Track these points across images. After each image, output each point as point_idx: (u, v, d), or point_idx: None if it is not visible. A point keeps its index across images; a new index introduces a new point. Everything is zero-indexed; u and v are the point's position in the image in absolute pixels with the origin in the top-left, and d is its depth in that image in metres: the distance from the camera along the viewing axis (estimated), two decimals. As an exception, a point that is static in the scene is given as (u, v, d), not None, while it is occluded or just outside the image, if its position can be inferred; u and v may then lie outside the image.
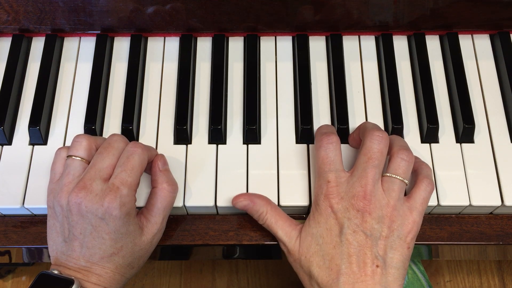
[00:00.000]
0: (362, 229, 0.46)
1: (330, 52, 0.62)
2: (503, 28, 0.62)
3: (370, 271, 0.46)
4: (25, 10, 0.59)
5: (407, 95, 0.60)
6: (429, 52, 0.62)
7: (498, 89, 0.60)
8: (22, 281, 1.20)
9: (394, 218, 0.47)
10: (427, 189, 0.50)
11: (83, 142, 0.50)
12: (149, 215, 0.50)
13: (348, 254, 0.46)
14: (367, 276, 0.45)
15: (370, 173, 0.48)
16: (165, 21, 0.60)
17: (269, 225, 0.52)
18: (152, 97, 0.60)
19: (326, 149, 0.51)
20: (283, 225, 0.51)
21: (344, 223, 0.47)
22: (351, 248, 0.46)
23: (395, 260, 0.47)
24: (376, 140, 0.49)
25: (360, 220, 0.47)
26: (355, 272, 0.46)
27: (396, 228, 0.47)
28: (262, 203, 0.52)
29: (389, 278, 0.46)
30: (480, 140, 0.57)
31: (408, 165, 0.50)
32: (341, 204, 0.48)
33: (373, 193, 0.47)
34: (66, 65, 0.62)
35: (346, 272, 0.46)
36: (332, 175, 0.49)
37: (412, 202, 0.49)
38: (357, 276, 0.46)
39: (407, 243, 0.48)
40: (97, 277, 0.47)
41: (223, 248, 0.61)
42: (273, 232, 0.52)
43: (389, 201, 0.48)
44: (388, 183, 0.48)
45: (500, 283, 1.00)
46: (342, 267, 0.46)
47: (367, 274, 0.45)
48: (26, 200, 0.54)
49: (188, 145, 0.57)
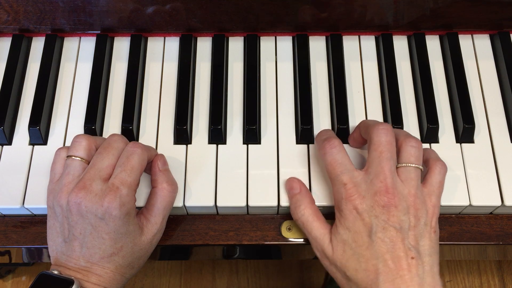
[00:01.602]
0: (391, 223, 0.46)
1: (330, 52, 0.62)
2: (503, 28, 0.62)
3: (406, 265, 0.45)
4: (25, 10, 0.59)
5: (407, 95, 0.60)
6: (429, 52, 0.62)
7: (498, 89, 0.60)
8: (22, 281, 1.20)
9: (418, 206, 0.47)
10: (442, 172, 0.50)
11: (83, 142, 0.50)
12: (149, 215, 0.50)
13: (382, 252, 0.46)
14: (404, 270, 0.45)
15: (386, 166, 0.48)
16: (165, 21, 0.60)
17: (303, 222, 0.51)
18: (152, 97, 0.60)
19: (331, 154, 0.50)
20: (319, 226, 0.50)
21: (372, 222, 0.47)
22: (384, 246, 0.46)
23: (426, 247, 0.47)
24: (383, 133, 0.49)
25: (387, 215, 0.46)
26: (392, 269, 0.45)
27: (421, 215, 0.47)
28: (306, 196, 0.52)
29: (426, 267, 0.46)
30: (480, 140, 0.57)
31: (419, 151, 0.50)
32: (364, 203, 0.47)
33: (394, 185, 0.47)
34: (66, 65, 0.62)
35: (384, 270, 0.45)
36: (346, 176, 0.49)
37: (429, 187, 0.49)
38: (394, 272, 0.45)
39: (433, 228, 0.48)
40: (97, 277, 0.47)
41: (223, 248, 0.61)
42: (307, 230, 0.51)
43: (410, 190, 0.48)
44: (405, 173, 0.48)
45: (500, 283, 1.00)
46: (379, 266, 0.46)
47: (403, 268, 0.45)
48: (26, 200, 0.54)
49: (188, 145, 0.57)
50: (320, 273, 1.21)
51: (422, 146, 0.50)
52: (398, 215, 0.46)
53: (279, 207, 0.55)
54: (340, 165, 0.50)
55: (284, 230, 0.56)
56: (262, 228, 0.55)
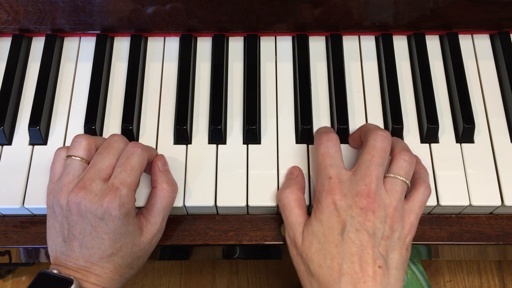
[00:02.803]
0: (365, 227, 0.46)
1: (330, 52, 0.62)
2: (503, 28, 0.62)
3: (372, 272, 0.45)
4: (25, 10, 0.59)
5: (407, 95, 0.60)
6: (429, 52, 0.62)
7: (498, 89, 0.60)
8: (22, 281, 1.20)
9: (395, 218, 0.47)
10: (425, 193, 0.50)
11: (83, 142, 0.50)
12: (149, 215, 0.50)
13: (350, 253, 0.46)
14: (369, 277, 0.45)
15: (374, 171, 0.48)
16: (165, 21, 0.60)
17: (284, 205, 0.51)
18: (152, 97, 0.60)
19: (326, 146, 0.50)
20: (297, 214, 0.50)
21: (347, 221, 0.47)
22: (354, 247, 0.46)
23: (395, 261, 0.47)
24: (380, 139, 0.49)
25: (363, 219, 0.46)
26: (357, 272, 0.45)
27: (396, 229, 0.47)
28: (298, 183, 0.53)
29: (391, 280, 0.46)
30: (480, 140, 0.57)
31: (410, 167, 0.50)
32: (344, 201, 0.47)
33: (377, 191, 0.47)
34: (66, 65, 0.62)
35: (348, 272, 0.45)
36: (333, 170, 0.49)
37: (411, 204, 0.49)
38: (359, 276, 0.45)
39: (406, 245, 0.48)
40: (96, 277, 0.47)
41: (223, 248, 0.61)
42: (285, 214, 0.51)
43: (392, 201, 0.48)
44: (391, 183, 0.48)
45: (500, 283, 1.00)
46: (344, 266, 0.46)
47: (369, 274, 0.45)
48: (26, 200, 0.54)
49: (188, 145, 0.57)
50: (320, 273, 1.20)
51: (415, 163, 0.50)
52: (374, 221, 0.46)
53: (279, 207, 0.55)
54: (331, 158, 0.50)
55: (284, 230, 0.55)
56: (262, 228, 0.55)
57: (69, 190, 0.47)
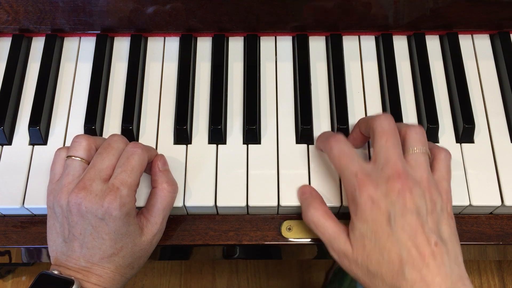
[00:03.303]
0: (409, 209, 0.44)
1: (330, 52, 0.62)
2: (503, 28, 0.62)
3: (430, 252, 0.43)
4: (25, 10, 0.59)
5: (407, 95, 0.60)
6: (429, 52, 0.62)
7: (498, 89, 0.60)
8: (22, 281, 1.20)
9: (432, 190, 0.46)
10: (447, 157, 0.50)
11: (83, 142, 0.50)
12: (149, 215, 0.50)
13: (404, 240, 0.44)
14: (430, 258, 0.43)
15: (394, 152, 0.47)
16: (165, 21, 0.60)
17: (315, 223, 0.49)
18: (152, 97, 0.60)
19: (338, 147, 0.49)
20: (332, 225, 0.48)
21: (389, 209, 0.45)
22: (405, 233, 0.44)
23: (446, 233, 0.45)
24: (385, 121, 0.48)
25: (404, 201, 0.45)
26: (416, 257, 0.43)
27: (436, 200, 0.46)
28: (316, 197, 0.52)
29: (450, 254, 0.44)
30: (480, 140, 0.57)
31: (424, 137, 0.49)
32: (379, 190, 0.46)
33: (405, 170, 0.46)
34: (66, 65, 0.62)
35: (408, 260, 0.43)
36: (356, 165, 0.47)
37: (438, 173, 0.49)
38: (419, 260, 0.43)
39: (449, 213, 0.47)
40: (97, 277, 0.47)
41: (223, 248, 0.61)
42: (320, 231, 0.49)
43: (422, 174, 0.47)
44: (414, 158, 0.48)
45: (500, 283, 1.00)
46: (403, 255, 0.44)
47: (428, 255, 0.43)
48: (26, 200, 0.54)
49: (188, 145, 0.57)
50: (320, 273, 1.21)
51: (425, 132, 0.50)
52: (415, 200, 0.45)
53: (279, 207, 0.55)
54: (348, 155, 0.48)
55: (284, 230, 0.56)
56: (262, 228, 0.55)
57: (69, 191, 0.47)
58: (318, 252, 0.61)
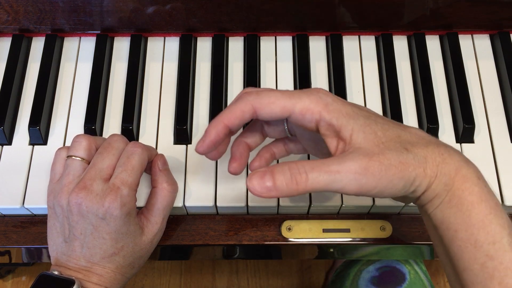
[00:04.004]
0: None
1: (330, 52, 0.62)
2: (503, 28, 0.62)
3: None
4: (25, 10, 0.59)
5: (407, 95, 0.60)
6: (429, 52, 0.62)
7: (498, 89, 0.60)
8: (22, 281, 1.20)
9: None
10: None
11: (83, 142, 0.50)
12: (149, 215, 0.50)
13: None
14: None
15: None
16: (165, 21, 0.60)
17: (318, 183, 0.37)
18: (152, 97, 0.60)
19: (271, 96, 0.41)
20: (330, 165, 0.37)
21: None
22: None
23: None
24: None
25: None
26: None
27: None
28: (283, 175, 0.38)
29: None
30: (480, 140, 0.57)
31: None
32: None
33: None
34: (66, 65, 0.62)
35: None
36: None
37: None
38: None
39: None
40: (98, 277, 0.47)
41: (223, 248, 0.61)
42: (330, 180, 0.37)
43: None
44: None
45: (500, 283, 1.00)
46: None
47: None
48: (26, 200, 0.54)
49: (188, 145, 0.57)
50: (320, 273, 1.21)
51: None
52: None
53: (279, 207, 0.55)
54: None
55: (284, 230, 0.56)
56: (262, 228, 0.55)
57: (70, 191, 0.47)
58: (318, 252, 0.61)
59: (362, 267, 0.75)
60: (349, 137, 0.38)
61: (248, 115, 0.41)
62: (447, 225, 0.38)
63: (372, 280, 0.72)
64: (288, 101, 0.40)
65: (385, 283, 0.71)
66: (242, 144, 0.47)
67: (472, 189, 0.37)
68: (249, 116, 0.41)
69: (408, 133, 0.40)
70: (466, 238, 0.37)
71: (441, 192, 0.38)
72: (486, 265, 0.36)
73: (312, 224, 0.56)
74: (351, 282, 0.86)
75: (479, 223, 0.37)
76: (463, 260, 0.37)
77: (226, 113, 0.41)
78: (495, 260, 0.36)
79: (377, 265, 0.73)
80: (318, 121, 0.40)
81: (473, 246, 0.37)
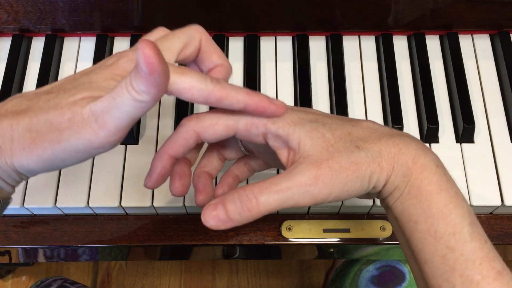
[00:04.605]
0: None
1: (330, 52, 0.62)
2: (503, 28, 0.62)
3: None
4: (25, 10, 0.59)
5: (407, 95, 0.60)
6: (429, 52, 0.62)
7: (498, 89, 0.60)
8: (22, 281, 1.20)
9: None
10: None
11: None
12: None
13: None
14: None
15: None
16: (165, 21, 0.60)
17: (270, 204, 0.36)
18: (152, 97, 0.60)
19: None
20: (279, 183, 0.36)
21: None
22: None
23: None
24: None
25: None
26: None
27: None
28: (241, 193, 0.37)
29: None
30: (480, 140, 0.57)
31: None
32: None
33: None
34: (66, 65, 0.62)
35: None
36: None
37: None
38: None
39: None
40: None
41: (223, 248, 0.61)
42: (288, 198, 0.36)
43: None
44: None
45: (500, 283, 1.00)
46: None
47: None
48: (26, 200, 0.54)
49: (188, 145, 0.57)
50: (320, 273, 1.21)
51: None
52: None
53: (279, 207, 0.54)
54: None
55: (284, 230, 0.56)
56: (262, 228, 0.55)
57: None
58: (318, 252, 0.61)
59: (362, 267, 0.75)
60: (297, 145, 0.37)
61: (192, 141, 0.39)
62: (407, 217, 0.37)
63: (372, 279, 0.72)
64: (230, 119, 0.38)
65: (385, 283, 0.71)
66: (203, 175, 0.43)
67: (431, 178, 0.36)
68: (193, 141, 0.39)
69: (360, 128, 0.39)
70: (426, 229, 0.36)
71: (400, 184, 0.37)
72: (447, 257, 0.35)
73: (312, 224, 0.56)
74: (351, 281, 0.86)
75: (438, 213, 0.36)
76: (424, 252, 0.36)
77: (169, 143, 0.39)
78: (456, 252, 0.35)
79: (377, 264, 0.73)
80: (264, 134, 0.38)
81: (433, 237, 0.36)
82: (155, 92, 0.31)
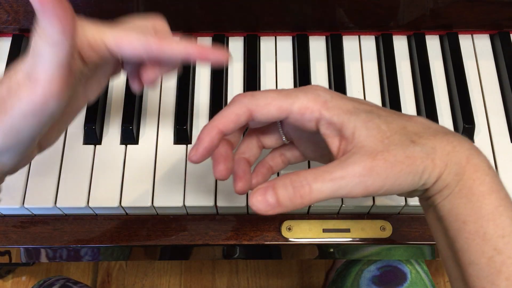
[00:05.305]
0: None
1: (330, 52, 0.62)
2: (503, 28, 0.62)
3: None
4: (25, 10, 0.59)
5: (407, 95, 0.60)
6: (429, 52, 0.62)
7: (498, 89, 0.60)
8: (22, 281, 1.20)
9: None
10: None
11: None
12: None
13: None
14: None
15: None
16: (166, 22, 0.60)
17: (323, 192, 0.35)
18: (152, 97, 0.60)
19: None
20: (333, 171, 0.35)
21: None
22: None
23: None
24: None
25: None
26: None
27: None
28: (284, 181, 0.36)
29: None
30: (480, 140, 0.57)
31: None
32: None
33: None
34: (66, 65, 0.62)
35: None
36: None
37: None
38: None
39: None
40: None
41: (223, 248, 0.61)
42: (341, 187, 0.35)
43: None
44: None
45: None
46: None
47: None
48: (26, 200, 0.54)
49: (188, 145, 0.57)
50: (320, 273, 1.21)
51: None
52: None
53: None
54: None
55: (284, 230, 0.56)
56: (262, 228, 0.55)
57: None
58: (318, 252, 0.61)
59: (363, 267, 0.75)
60: (352, 135, 0.36)
61: (243, 119, 0.38)
62: (455, 216, 0.36)
63: (373, 279, 0.72)
64: (285, 101, 0.37)
65: (386, 283, 0.71)
66: (242, 161, 0.43)
67: (484, 179, 0.36)
68: (244, 119, 0.38)
69: (414, 123, 0.38)
70: (474, 230, 0.35)
71: (451, 182, 0.36)
72: (493, 259, 0.35)
73: (312, 224, 0.56)
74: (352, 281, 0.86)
75: (489, 215, 0.35)
76: (470, 254, 0.36)
77: (220, 118, 0.38)
78: (503, 254, 0.35)
79: (379, 264, 0.73)
80: (318, 120, 0.37)
81: (482, 239, 0.35)
82: (59, 25, 0.31)
